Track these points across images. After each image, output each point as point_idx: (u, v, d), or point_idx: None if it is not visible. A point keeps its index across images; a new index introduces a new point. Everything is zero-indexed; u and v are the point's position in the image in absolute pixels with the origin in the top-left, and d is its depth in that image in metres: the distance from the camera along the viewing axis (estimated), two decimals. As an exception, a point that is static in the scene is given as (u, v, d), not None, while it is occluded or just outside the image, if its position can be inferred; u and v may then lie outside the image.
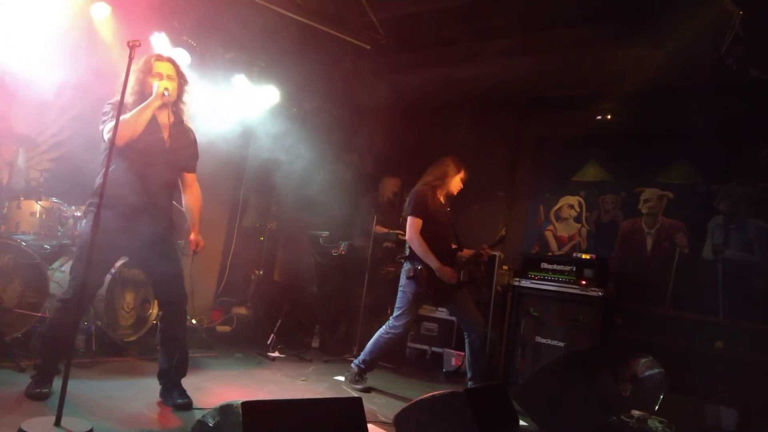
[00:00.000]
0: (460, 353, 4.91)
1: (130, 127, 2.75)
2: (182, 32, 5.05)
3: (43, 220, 3.76)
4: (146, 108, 2.82)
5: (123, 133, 2.68)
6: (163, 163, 2.93)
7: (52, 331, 2.79)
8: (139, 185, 2.85)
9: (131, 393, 3.14)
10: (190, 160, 3.16)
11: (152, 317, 4.33)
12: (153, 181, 2.91)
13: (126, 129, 2.71)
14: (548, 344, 4.54)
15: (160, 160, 2.91)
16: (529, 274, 4.78)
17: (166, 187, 3.02)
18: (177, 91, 3.00)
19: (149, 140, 2.87)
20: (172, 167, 3.02)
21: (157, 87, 2.85)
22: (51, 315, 2.94)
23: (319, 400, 2.42)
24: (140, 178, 2.86)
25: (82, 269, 2.56)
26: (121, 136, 2.66)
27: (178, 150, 3.03)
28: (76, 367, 3.30)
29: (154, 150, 2.90)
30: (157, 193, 2.95)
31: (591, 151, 5.59)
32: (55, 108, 4.73)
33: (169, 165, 2.99)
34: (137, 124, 2.78)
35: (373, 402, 3.67)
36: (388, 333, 3.94)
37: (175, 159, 3.02)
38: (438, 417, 2.29)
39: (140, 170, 2.85)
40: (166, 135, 2.96)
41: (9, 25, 3.92)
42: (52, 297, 3.72)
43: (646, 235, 5.21)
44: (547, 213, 5.82)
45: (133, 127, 2.77)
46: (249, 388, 3.68)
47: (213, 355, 4.47)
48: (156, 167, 2.90)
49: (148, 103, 2.82)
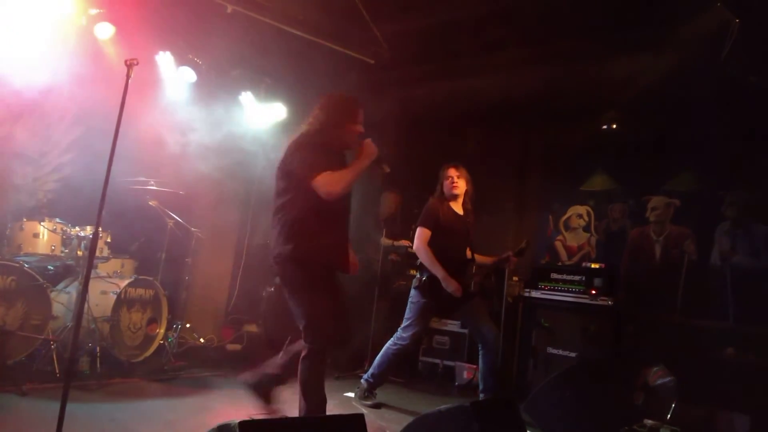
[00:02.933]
0: (472, 366, 4.83)
1: (348, 185, 2.67)
2: (187, 50, 5.09)
3: (47, 241, 3.77)
4: (363, 169, 2.72)
5: (340, 190, 2.62)
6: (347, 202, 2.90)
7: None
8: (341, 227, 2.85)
9: (136, 415, 3.10)
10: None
11: (159, 337, 4.31)
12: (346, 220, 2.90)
13: (343, 187, 2.64)
14: (560, 355, 4.46)
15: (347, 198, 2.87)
16: (539, 284, 4.73)
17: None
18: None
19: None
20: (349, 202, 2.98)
21: (376, 150, 2.75)
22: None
23: (319, 418, 2.36)
24: (341, 219, 2.85)
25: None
26: (339, 193, 2.62)
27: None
28: (80, 390, 3.31)
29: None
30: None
31: (598, 160, 5.57)
32: (59, 129, 4.78)
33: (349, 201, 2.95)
34: (353, 183, 2.70)
35: (383, 418, 3.61)
36: (396, 345, 3.90)
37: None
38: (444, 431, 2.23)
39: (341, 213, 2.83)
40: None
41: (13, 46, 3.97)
42: (56, 319, 3.71)
43: (654, 243, 5.14)
44: (557, 223, 5.77)
45: (351, 185, 2.70)
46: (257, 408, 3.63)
47: (222, 374, 4.42)
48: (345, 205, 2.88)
49: (364, 165, 2.73)
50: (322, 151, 2.70)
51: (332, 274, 2.79)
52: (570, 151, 5.69)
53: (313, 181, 2.60)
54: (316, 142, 2.73)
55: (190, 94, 5.45)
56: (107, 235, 4.11)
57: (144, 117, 5.05)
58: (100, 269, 4.24)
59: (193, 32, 5.12)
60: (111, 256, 4.22)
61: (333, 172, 2.62)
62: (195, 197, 5.46)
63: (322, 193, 2.60)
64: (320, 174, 2.60)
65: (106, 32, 4.66)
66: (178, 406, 3.42)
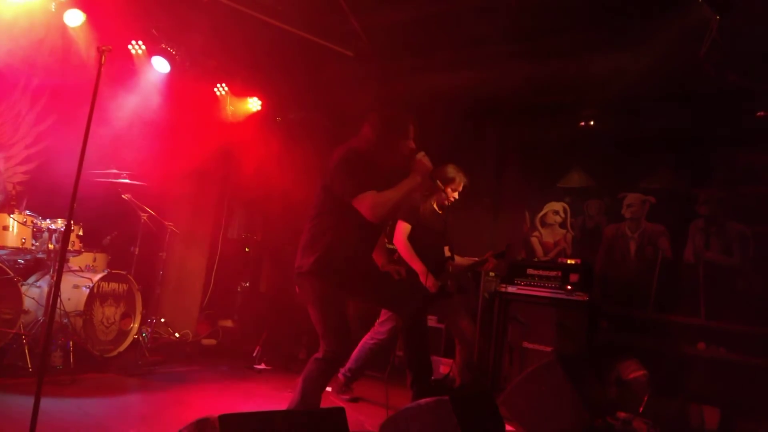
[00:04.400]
0: (448, 360, 4.87)
1: (392, 209, 2.58)
2: (160, 40, 4.98)
3: (17, 234, 3.66)
4: (412, 190, 2.64)
5: (384, 214, 2.54)
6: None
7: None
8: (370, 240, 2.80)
9: (110, 410, 3.05)
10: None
11: (133, 332, 4.24)
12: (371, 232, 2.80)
13: (387, 210, 2.55)
14: (535, 349, 4.52)
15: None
16: (515, 280, 4.77)
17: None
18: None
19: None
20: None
21: (427, 166, 2.66)
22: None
23: (299, 411, 2.36)
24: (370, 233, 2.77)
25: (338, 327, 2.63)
26: (382, 216, 2.55)
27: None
28: (53, 385, 3.24)
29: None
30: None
31: (575, 157, 5.64)
32: (28, 119, 4.64)
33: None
34: (399, 205, 2.63)
35: (361, 412, 3.62)
36: (374, 339, 3.92)
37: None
38: (424, 425, 2.25)
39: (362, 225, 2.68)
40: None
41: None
42: (27, 313, 3.62)
43: (629, 240, 5.24)
44: (533, 219, 5.83)
45: (395, 208, 2.62)
46: (234, 402, 3.61)
47: (197, 369, 4.38)
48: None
49: (414, 185, 2.64)
50: (368, 170, 2.61)
51: (348, 290, 2.74)
52: (547, 147, 5.75)
53: (354, 200, 2.53)
54: (362, 161, 2.63)
55: (163, 84, 5.34)
56: (79, 229, 4.02)
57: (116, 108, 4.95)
58: (72, 263, 4.15)
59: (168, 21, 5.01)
60: (83, 250, 4.12)
61: (378, 193, 2.53)
62: (169, 191, 5.37)
63: (367, 215, 2.52)
64: (364, 194, 2.51)
65: (77, 19, 4.52)
66: (153, 401, 3.38)
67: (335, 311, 2.64)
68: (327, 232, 2.64)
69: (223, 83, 5.85)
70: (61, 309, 3.69)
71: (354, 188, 2.54)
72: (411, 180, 2.63)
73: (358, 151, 2.67)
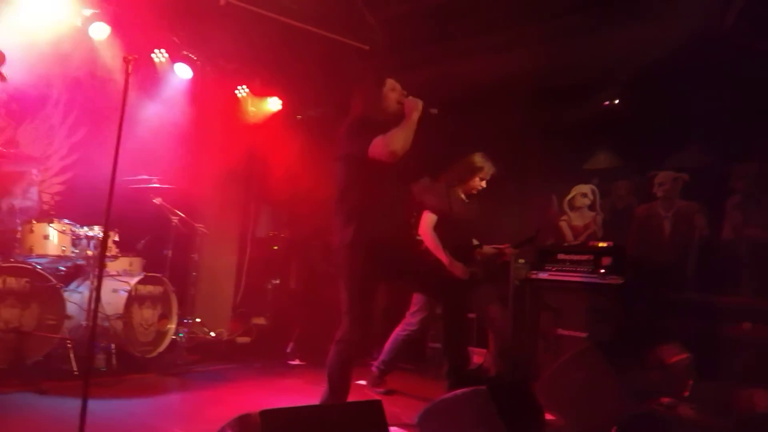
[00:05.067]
0: (481, 350, 4.86)
1: (406, 140, 2.64)
2: (181, 47, 5.07)
3: (57, 243, 3.78)
4: (414, 123, 2.70)
5: (400, 145, 2.60)
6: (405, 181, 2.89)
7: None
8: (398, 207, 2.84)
9: (153, 409, 3.14)
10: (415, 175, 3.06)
11: (170, 332, 4.34)
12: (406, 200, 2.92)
13: (401, 141, 2.62)
14: (570, 336, 4.47)
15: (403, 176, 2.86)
16: (545, 266, 4.71)
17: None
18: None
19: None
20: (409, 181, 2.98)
21: (418, 102, 2.75)
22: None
23: (337, 405, 2.39)
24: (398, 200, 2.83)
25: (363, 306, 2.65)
26: (400, 148, 2.60)
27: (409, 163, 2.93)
28: (98, 386, 3.33)
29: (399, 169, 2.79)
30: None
31: (601, 137, 5.51)
32: (61, 131, 4.79)
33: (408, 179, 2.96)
34: (409, 138, 2.67)
35: (396, 404, 3.63)
36: (405, 330, 3.94)
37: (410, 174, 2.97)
38: (462, 415, 2.25)
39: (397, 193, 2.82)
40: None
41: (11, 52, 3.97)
42: (70, 318, 3.75)
43: (663, 219, 5.11)
44: (560, 203, 5.74)
45: (408, 139, 2.65)
46: (270, 397, 3.67)
47: (233, 366, 4.46)
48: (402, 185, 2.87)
49: (414, 118, 2.70)
50: (368, 125, 2.73)
51: (385, 261, 2.73)
52: (571, 129, 5.63)
53: (369, 151, 2.61)
54: (360, 123, 2.76)
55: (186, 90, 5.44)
56: (115, 234, 4.12)
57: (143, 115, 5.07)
58: (110, 268, 4.26)
59: (187, 28, 5.10)
60: (119, 255, 4.23)
61: (384, 134, 2.62)
62: (197, 193, 5.47)
63: (384, 155, 2.59)
64: (374, 141, 2.61)
65: (102, 32, 4.65)
66: (193, 399, 3.47)
67: (362, 291, 2.66)
68: (355, 205, 2.70)
69: (243, 85, 5.93)
70: (102, 313, 3.80)
71: (365, 140, 2.64)
72: (408, 119, 2.69)
73: (364, 118, 2.80)
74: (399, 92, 2.85)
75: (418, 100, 2.76)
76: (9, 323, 3.36)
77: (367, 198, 2.70)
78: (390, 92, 2.85)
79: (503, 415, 2.16)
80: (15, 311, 3.41)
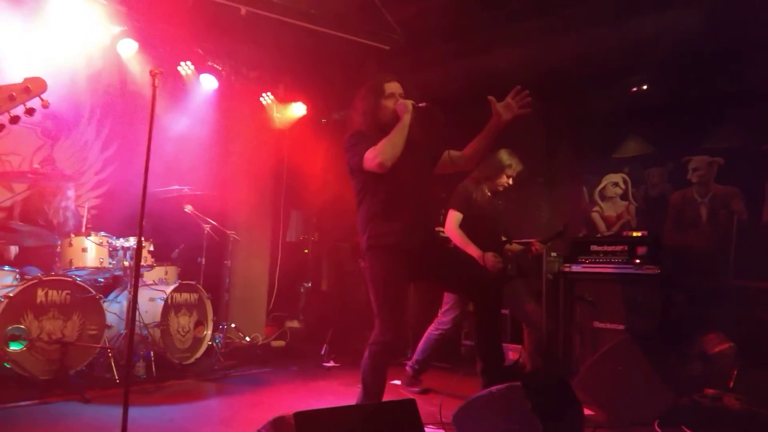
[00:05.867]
0: (516, 346, 4.80)
1: (394, 148, 2.61)
2: (206, 58, 5.18)
3: (95, 255, 3.90)
4: (404, 126, 2.67)
5: (388, 156, 2.58)
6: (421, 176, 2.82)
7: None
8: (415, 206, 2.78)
9: (192, 415, 3.20)
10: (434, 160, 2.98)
11: (207, 338, 4.43)
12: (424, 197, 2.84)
13: (389, 151, 2.59)
14: (607, 329, 4.37)
15: (418, 172, 2.81)
16: (578, 258, 4.63)
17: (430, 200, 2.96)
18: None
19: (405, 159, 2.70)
20: (428, 175, 2.92)
21: (407, 103, 2.72)
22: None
23: (371, 405, 2.39)
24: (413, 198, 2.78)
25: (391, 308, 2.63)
26: (388, 158, 2.58)
27: (423, 157, 2.90)
28: (139, 393, 3.44)
29: (410, 169, 2.75)
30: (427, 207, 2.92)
31: (630, 125, 5.38)
32: (95, 146, 4.95)
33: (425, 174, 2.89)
34: (400, 143, 2.63)
35: (432, 403, 3.61)
36: (438, 329, 3.92)
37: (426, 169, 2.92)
38: (496, 412, 2.23)
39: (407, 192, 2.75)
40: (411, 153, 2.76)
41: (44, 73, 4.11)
42: (110, 328, 3.86)
43: (699, 205, 4.95)
44: (591, 194, 5.63)
45: (398, 146, 2.62)
46: (307, 399, 3.70)
47: (269, 370, 4.52)
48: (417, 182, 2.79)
49: (405, 122, 2.67)
50: (365, 136, 2.72)
51: (409, 262, 2.71)
52: (599, 118, 5.52)
53: (364, 163, 2.63)
54: (364, 137, 2.75)
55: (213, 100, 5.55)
56: (149, 244, 4.23)
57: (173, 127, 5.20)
58: (146, 277, 4.38)
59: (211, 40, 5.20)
60: (155, 264, 4.35)
61: (374, 147, 2.62)
62: (227, 201, 5.58)
63: (375, 166, 2.59)
64: (366, 153, 2.62)
65: (130, 49, 4.79)
66: (230, 404, 3.52)
67: (388, 293, 2.66)
68: (379, 206, 2.70)
69: (267, 92, 6.01)
70: (140, 321, 3.91)
71: (359, 153, 2.65)
72: (399, 123, 2.67)
73: (360, 132, 2.78)
74: (397, 97, 2.79)
75: (407, 103, 2.72)
76: (52, 335, 3.48)
77: (381, 203, 2.71)
78: (386, 100, 2.79)
79: (539, 411, 2.12)
80: (58, 323, 3.54)
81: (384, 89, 2.81)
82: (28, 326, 3.40)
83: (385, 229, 2.68)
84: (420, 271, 2.77)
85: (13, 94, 2.10)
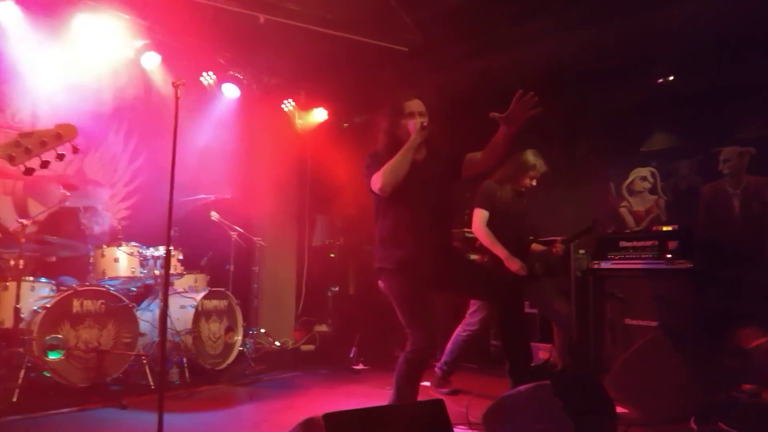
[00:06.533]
0: (546, 345, 4.74)
1: (393, 173, 2.60)
2: (227, 67, 5.27)
3: (126, 264, 4.01)
4: (409, 149, 2.64)
5: (387, 181, 2.59)
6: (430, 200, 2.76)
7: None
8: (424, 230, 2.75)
9: (225, 419, 3.25)
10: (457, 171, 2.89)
11: (237, 344, 4.50)
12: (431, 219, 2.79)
13: (389, 176, 2.60)
14: (639, 325, 4.28)
15: (429, 192, 2.76)
16: (607, 255, 4.55)
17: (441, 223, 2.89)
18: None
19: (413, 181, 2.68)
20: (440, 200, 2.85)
21: (415, 124, 2.69)
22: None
23: (400, 406, 2.40)
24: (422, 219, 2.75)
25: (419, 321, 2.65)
26: (387, 183, 2.59)
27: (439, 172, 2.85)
28: (173, 399, 3.51)
29: (419, 189, 2.72)
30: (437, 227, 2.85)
31: (656, 117, 5.27)
32: (123, 159, 5.08)
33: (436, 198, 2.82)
34: (401, 167, 2.61)
35: (461, 403, 3.60)
36: (465, 331, 3.90)
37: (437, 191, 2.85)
38: (526, 411, 2.21)
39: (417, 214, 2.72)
40: (422, 171, 2.75)
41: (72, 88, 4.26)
42: (144, 335, 3.96)
43: (731, 197, 4.81)
44: (618, 189, 5.53)
45: (398, 170, 2.61)
46: (337, 402, 3.72)
47: (299, 374, 4.56)
48: (427, 203, 2.75)
49: (409, 144, 2.65)
50: (380, 157, 2.71)
51: (421, 278, 2.71)
52: (623, 112, 5.42)
53: (372, 186, 2.65)
54: (375, 155, 2.78)
55: (236, 108, 5.65)
56: (179, 253, 4.32)
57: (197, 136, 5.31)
58: (176, 285, 4.47)
59: (231, 49, 5.29)
60: (185, 272, 4.44)
61: (380, 170, 2.62)
62: (253, 208, 5.65)
63: (378, 189, 2.62)
64: (373, 177, 2.63)
65: (153, 61, 4.91)
66: (262, 408, 3.56)
67: (415, 306, 2.66)
68: (389, 229, 2.73)
69: (289, 99, 6.08)
70: (173, 329, 3.99)
71: (370, 176, 2.67)
72: (407, 146, 2.65)
73: (376, 153, 2.79)
74: (416, 115, 2.74)
75: (416, 122, 2.69)
76: (89, 343, 3.59)
77: (389, 229, 2.72)
78: (405, 119, 2.74)
79: (570, 409, 2.10)
80: (93, 331, 3.64)
81: (404, 108, 2.77)
82: (65, 336, 3.51)
83: (392, 255, 2.70)
84: (436, 285, 2.79)
85: (45, 140, 2.16)
